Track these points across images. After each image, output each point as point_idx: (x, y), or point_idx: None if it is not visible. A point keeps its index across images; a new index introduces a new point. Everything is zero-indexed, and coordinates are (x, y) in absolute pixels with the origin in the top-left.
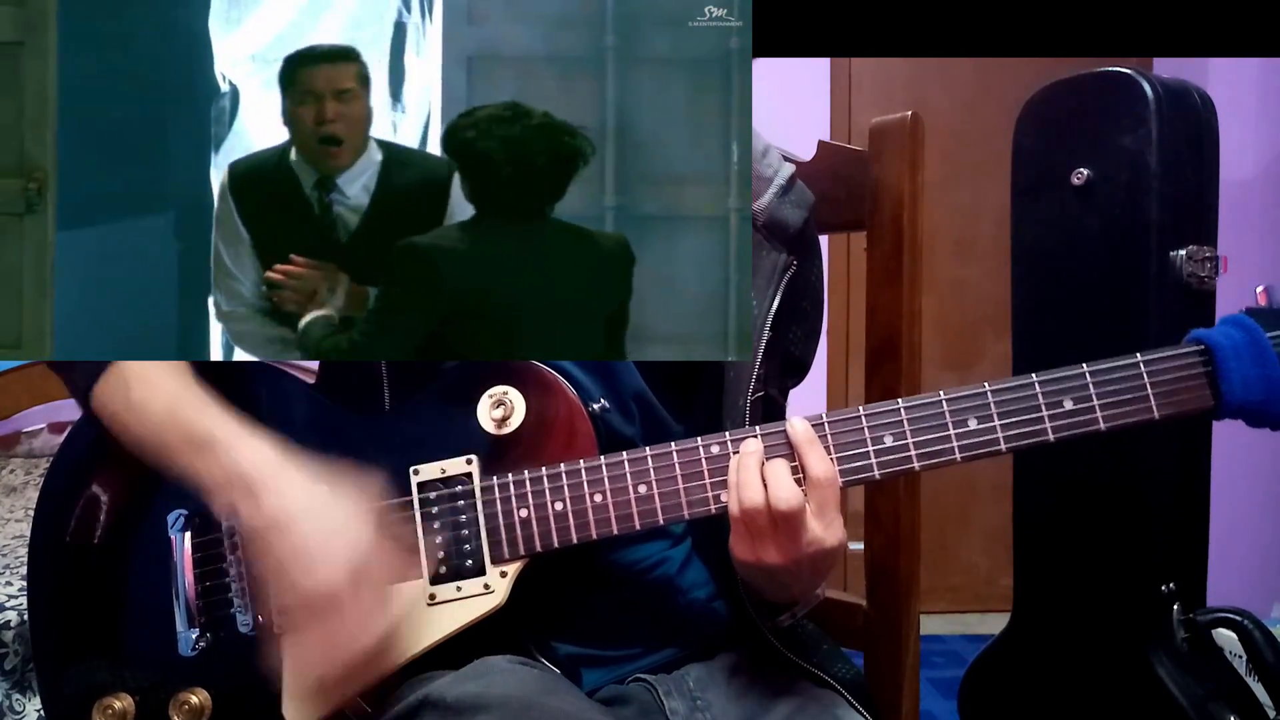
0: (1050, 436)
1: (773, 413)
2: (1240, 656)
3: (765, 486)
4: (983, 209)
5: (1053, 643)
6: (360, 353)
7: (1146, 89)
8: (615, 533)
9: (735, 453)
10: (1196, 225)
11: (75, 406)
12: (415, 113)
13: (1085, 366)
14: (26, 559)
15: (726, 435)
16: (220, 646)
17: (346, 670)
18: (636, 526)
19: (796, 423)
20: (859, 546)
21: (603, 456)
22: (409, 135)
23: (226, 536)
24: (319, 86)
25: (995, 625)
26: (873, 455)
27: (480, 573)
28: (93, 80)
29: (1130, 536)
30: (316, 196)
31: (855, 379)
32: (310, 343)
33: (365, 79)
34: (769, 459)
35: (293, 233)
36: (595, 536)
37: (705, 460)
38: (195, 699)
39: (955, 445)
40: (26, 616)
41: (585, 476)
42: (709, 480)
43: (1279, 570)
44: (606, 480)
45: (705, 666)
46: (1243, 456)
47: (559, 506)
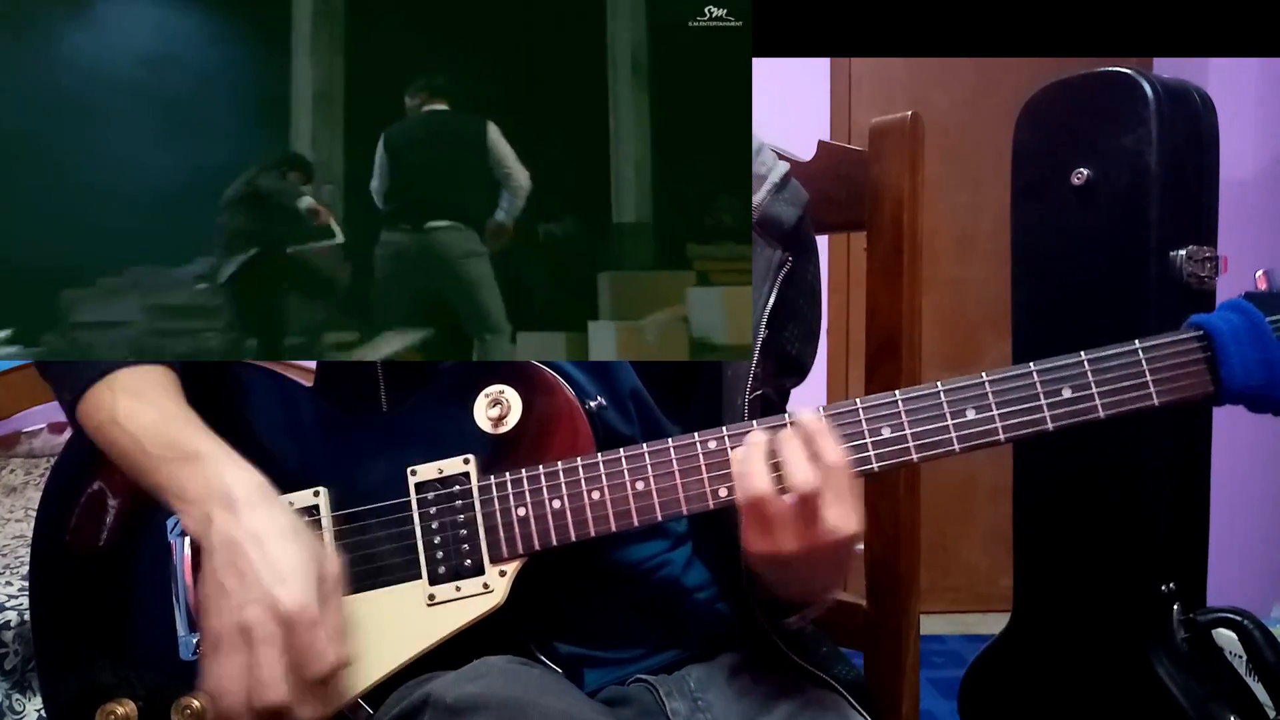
0: (1049, 425)
1: (771, 411)
2: (1240, 656)
3: (776, 474)
4: (983, 209)
5: (1053, 643)
6: None
7: (1146, 89)
8: (614, 530)
9: (734, 447)
10: (1196, 225)
11: None
12: None
13: (1083, 354)
14: (28, 562)
15: (724, 430)
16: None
17: (301, 688)
18: (635, 523)
19: (805, 412)
20: (859, 546)
21: (600, 454)
22: None
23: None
24: None
25: (995, 625)
26: (870, 447)
27: (479, 572)
28: None
29: (1130, 536)
30: None
31: (855, 379)
32: None
33: None
34: (779, 447)
35: None
36: (594, 534)
37: (703, 456)
38: (197, 703)
39: (953, 436)
40: (27, 618)
41: (583, 474)
42: (706, 476)
43: (1279, 570)
44: (604, 477)
45: (706, 667)
46: (1243, 457)
47: (557, 505)
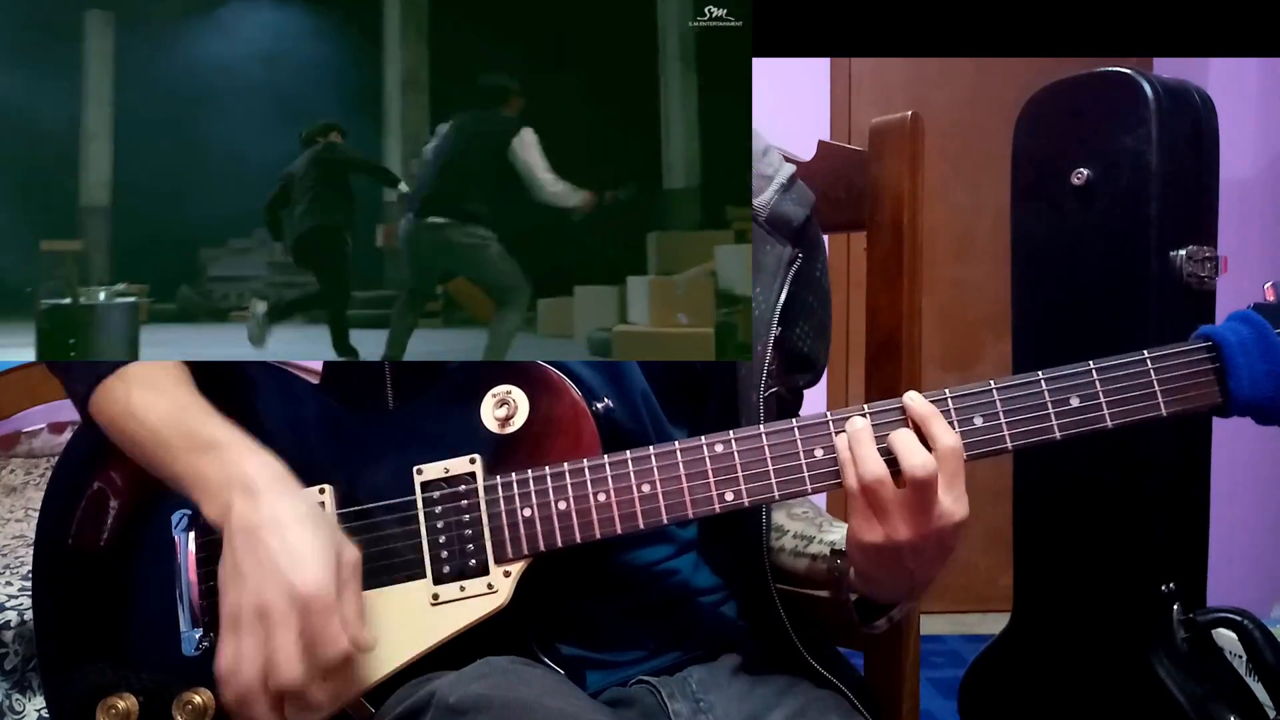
0: (1057, 435)
1: (786, 409)
2: (1240, 656)
3: (888, 460)
4: (983, 209)
5: (1053, 643)
6: None
7: (1146, 89)
8: (619, 532)
9: (740, 450)
10: (1196, 225)
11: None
12: None
13: (1092, 364)
14: (31, 559)
15: (730, 434)
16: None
17: (315, 672)
18: (640, 526)
19: (914, 397)
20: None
21: (606, 455)
22: None
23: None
24: None
25: (995, 625)
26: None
27: (484, 572)
28: None
29: (1130, 536)
30: None
31: (855, 379)
32: None
33: None
34: (886, 433)
35: None
36: (599, 536)
37: (709, 459)
38: (198, 699)
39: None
40: (29, 616)
41: (589, 475)
42: (713, 479)
43: (1279, 570)
44: (610, 479)
45: (708, 668)
46: (1243, 456)
47: (562, 506)
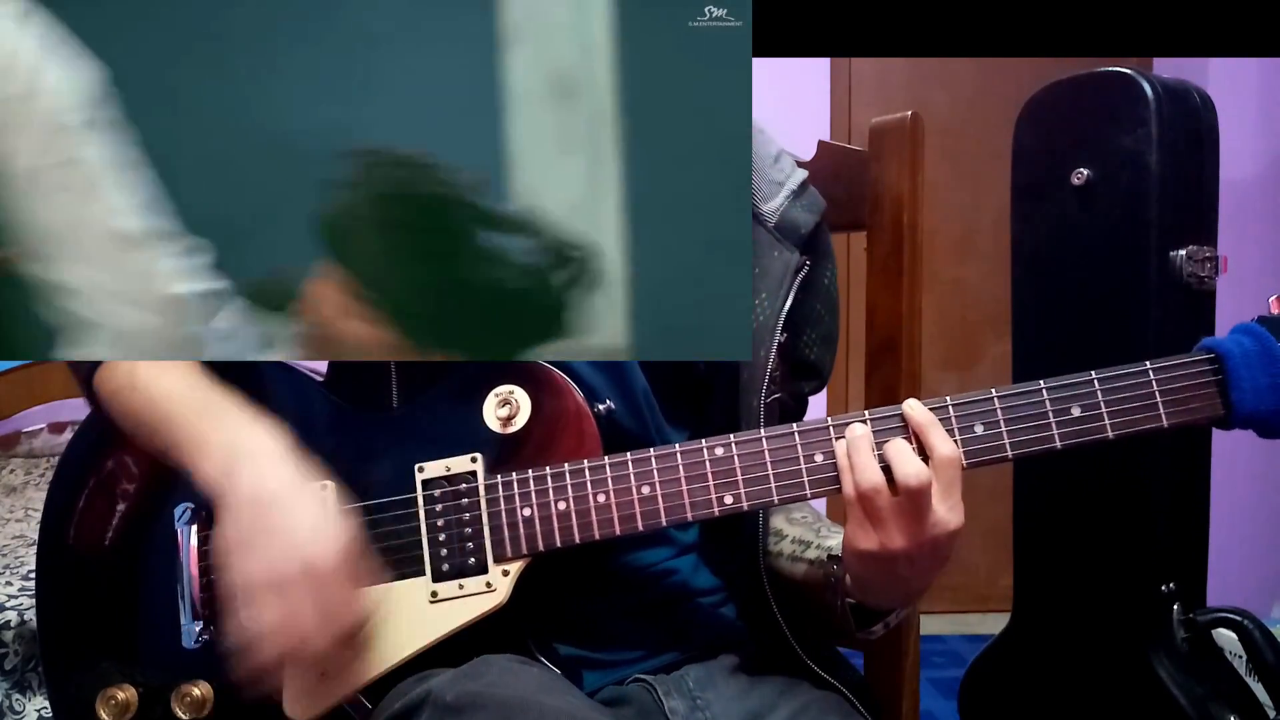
0: (1058, 444)
1: (789, 415)
2: (1240, 656)
3: (883, 467)
4: (983, 209)
5: (1053, 643)
6: None
7: (1146, 89)
8: (618, 533)
9: (741, 454)
10: (1196, 225)
11: (75, 407)
12: None
13: (1094, 374)
14: (31, 559)
15: (731, 438)
16: (224, 639)
17: (333, 639)
18: (639, 527)
19: (914, 404)
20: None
21: (606, 456)
22: None
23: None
24: None
25: (995, 625)
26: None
27: (483, 571)
28: None
29: (1130, 536)
30: None
31: (855, 379)
32: None
33: None
34: (884, 441)
35: None
36: (598, 537)
37: (709, 462)
38: (197, 691)
39: (962, 452)
40: (29, 616)
41: (589, 476)
42: (713, 482)
43: (1279, 570)
44: (610, 480)
45: (704, 666)
46: (1243, 456)
47: (562, 506)
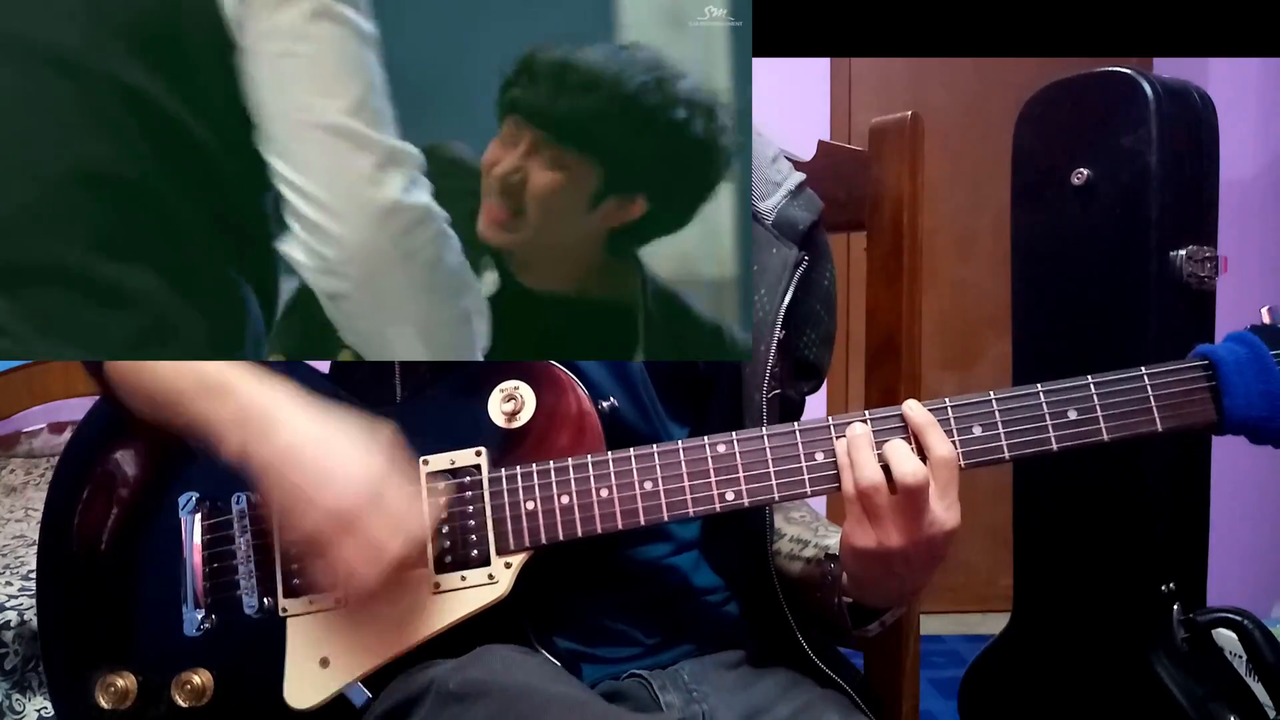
0: (1054, 446)
1: (790, 411)
2: (1240, 656)
3: (883, 466)
4: (983, 209)
5: (1053, 643)
6: None
7: (1146, 89)
8: (620, 528)
9: (743, 451)
10: (1196, 225)
11: (75, 406)
12: None
13: (1090, 378)
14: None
15: (733, 435)
16: (225, 628)
17: (381, 576)
18: (641, 522)
19: (913, 405)
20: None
21: (610, 452)
22: None
23: (236, 519)
24: None
25: (995, 625)
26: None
27: (485, 563)
28: None
29: (1130, 536)
30: None
31: (855, 379)
32: None
33: None
34: (883, 441)
35: None
36: (600, 531)
37: (711, 459)
38: (198, 679)
39: (959, 452)
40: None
41: (592, 471)
42: (714, 479)
43: (1279, 570)
44: (613, 475)
45: (699, 661)
46: (1243, 456)
47: (565, 500)
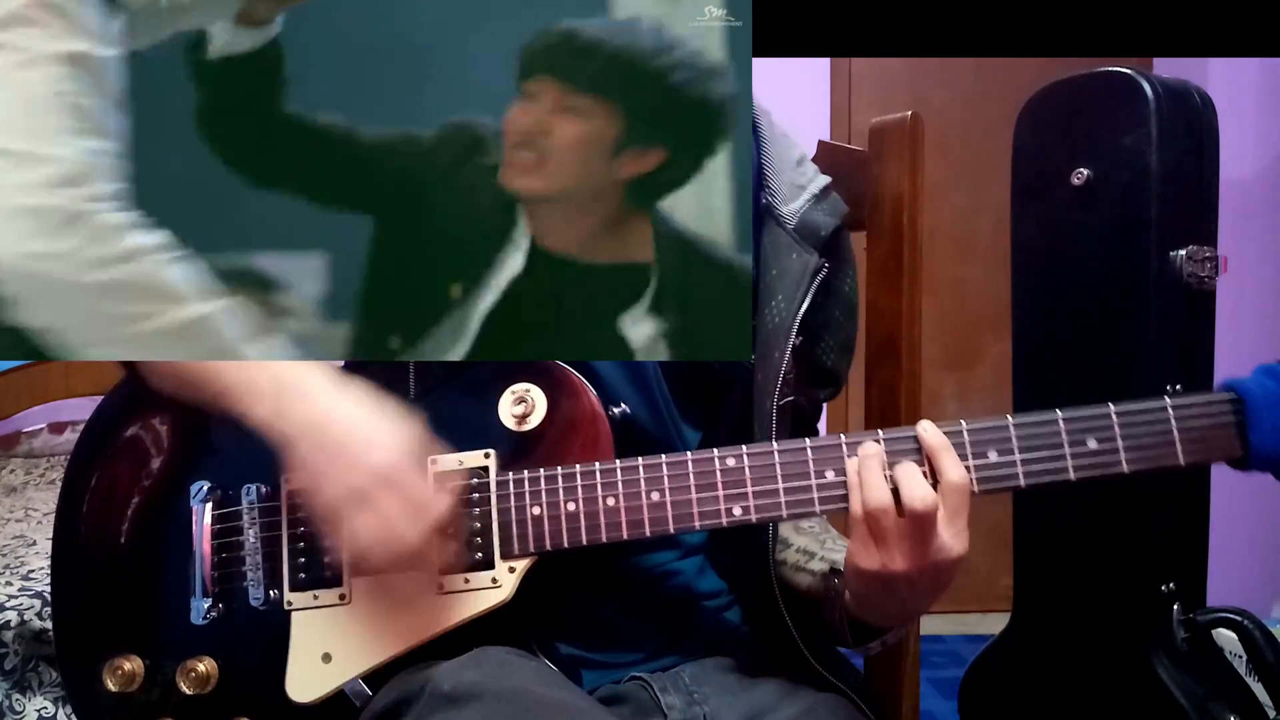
0: (1071, 476)
1: (802, 419)
2: (1240, 656)
3: (892, 488)
4: (983, 209)
5: (1053, 643)
6: None
7: (1146, 89)
8: (625, 537)
9: (752, 466)
10: (1196, 225)
11: (75, 407)
12: None
13: (1111, 406)
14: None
15: (744, 449)
16: (231, 617)
17: (424, 535)
18: (646, 533)
19: (927, 427)
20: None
21: (618, 460)
22: None
23: (246, 511)
24: None
25: (995, 625)
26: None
27: (489, 566)
28: None
29: (1130, 536)
30: None
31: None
32: None
33: None
34: (895, 462)
35: None
36: (605, 540)
37: (720, 472)
38: (202, 667)
39: (974, 478)
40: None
41: (600, 479)
42: (722, 492)
43: (1279, 570)
44: (620, 484)
45: (700, 664)
46: None
47: (571, 507)
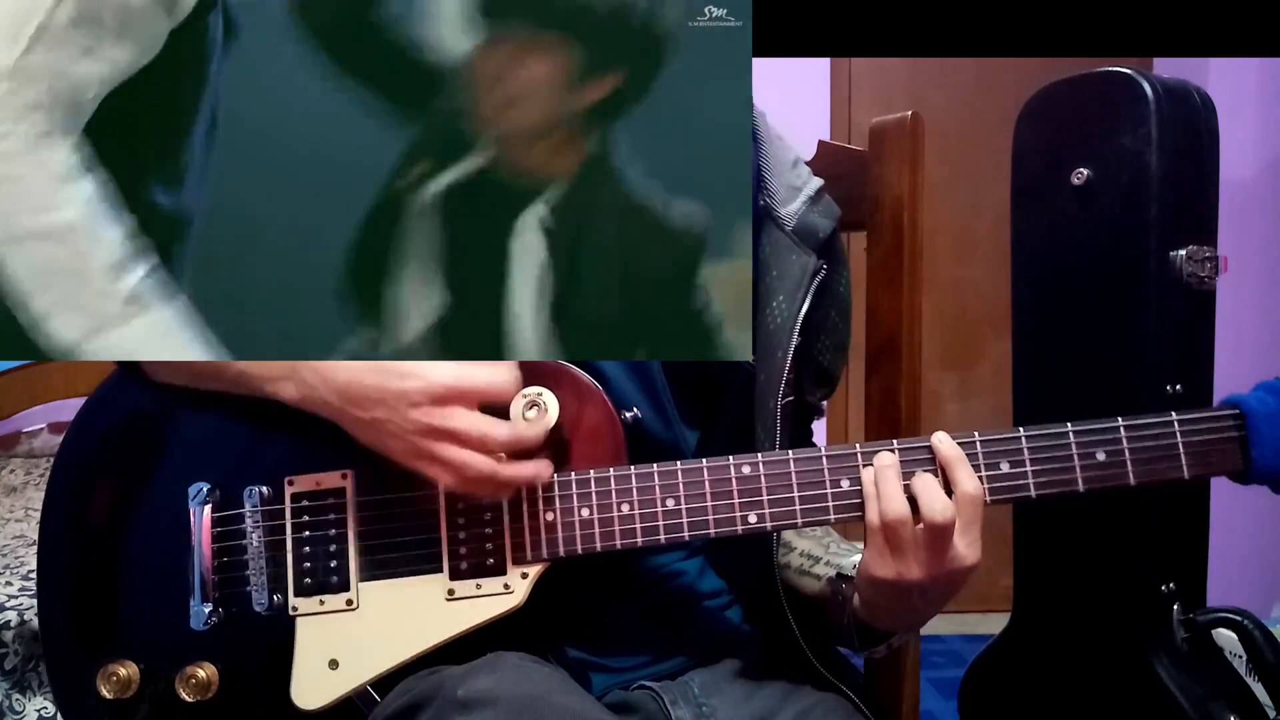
0: (1080, 487)
1: (804, 418)
2: (1240, 656)
3: (909, 499)
4: (983, 209)
5: (1053, 643)
6: None
7: (1146, 89)
8: (639, 544)
9: (768, 474)
10: (1196, 225)
11: (75, 407)
12: None
13: (1120, 420)
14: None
15: (759, 457)
16: (233, 623)
17: (509, 438)
18: (661, 540)
19: (942, 439)
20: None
21: (633, 467)
22: None
23: (249, 514)
24: None
25: (995, 625)
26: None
27: (501, 572)
28: None
29: (1130, 536)
30: None
31: (855, 379)
32: None
33: None
34: (911, 473)
35: None
36: (619, 547)
37: (735, 480)
38: (202, 673)
39: (987, 488)
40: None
41: (614, 485)
42: (738, 500)
43: (1279, 570)
44: (635, 491)
45: (709, 671)
46: None
47: (586, 514)
